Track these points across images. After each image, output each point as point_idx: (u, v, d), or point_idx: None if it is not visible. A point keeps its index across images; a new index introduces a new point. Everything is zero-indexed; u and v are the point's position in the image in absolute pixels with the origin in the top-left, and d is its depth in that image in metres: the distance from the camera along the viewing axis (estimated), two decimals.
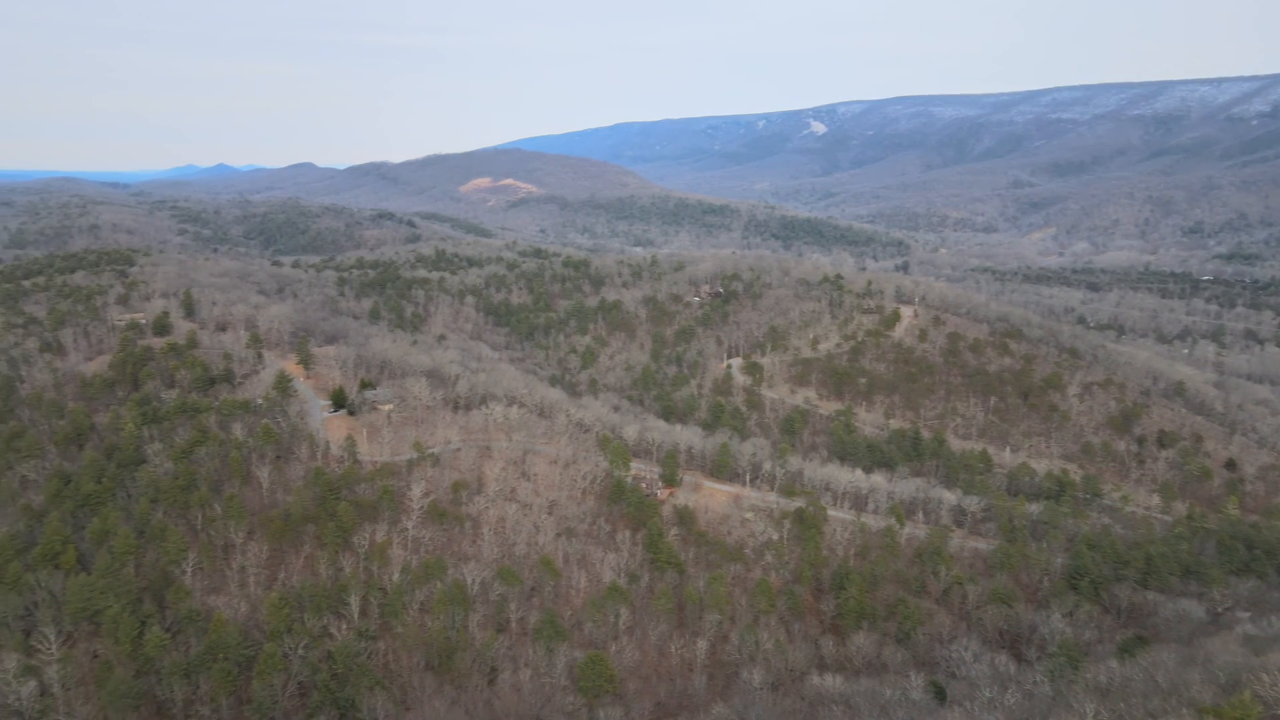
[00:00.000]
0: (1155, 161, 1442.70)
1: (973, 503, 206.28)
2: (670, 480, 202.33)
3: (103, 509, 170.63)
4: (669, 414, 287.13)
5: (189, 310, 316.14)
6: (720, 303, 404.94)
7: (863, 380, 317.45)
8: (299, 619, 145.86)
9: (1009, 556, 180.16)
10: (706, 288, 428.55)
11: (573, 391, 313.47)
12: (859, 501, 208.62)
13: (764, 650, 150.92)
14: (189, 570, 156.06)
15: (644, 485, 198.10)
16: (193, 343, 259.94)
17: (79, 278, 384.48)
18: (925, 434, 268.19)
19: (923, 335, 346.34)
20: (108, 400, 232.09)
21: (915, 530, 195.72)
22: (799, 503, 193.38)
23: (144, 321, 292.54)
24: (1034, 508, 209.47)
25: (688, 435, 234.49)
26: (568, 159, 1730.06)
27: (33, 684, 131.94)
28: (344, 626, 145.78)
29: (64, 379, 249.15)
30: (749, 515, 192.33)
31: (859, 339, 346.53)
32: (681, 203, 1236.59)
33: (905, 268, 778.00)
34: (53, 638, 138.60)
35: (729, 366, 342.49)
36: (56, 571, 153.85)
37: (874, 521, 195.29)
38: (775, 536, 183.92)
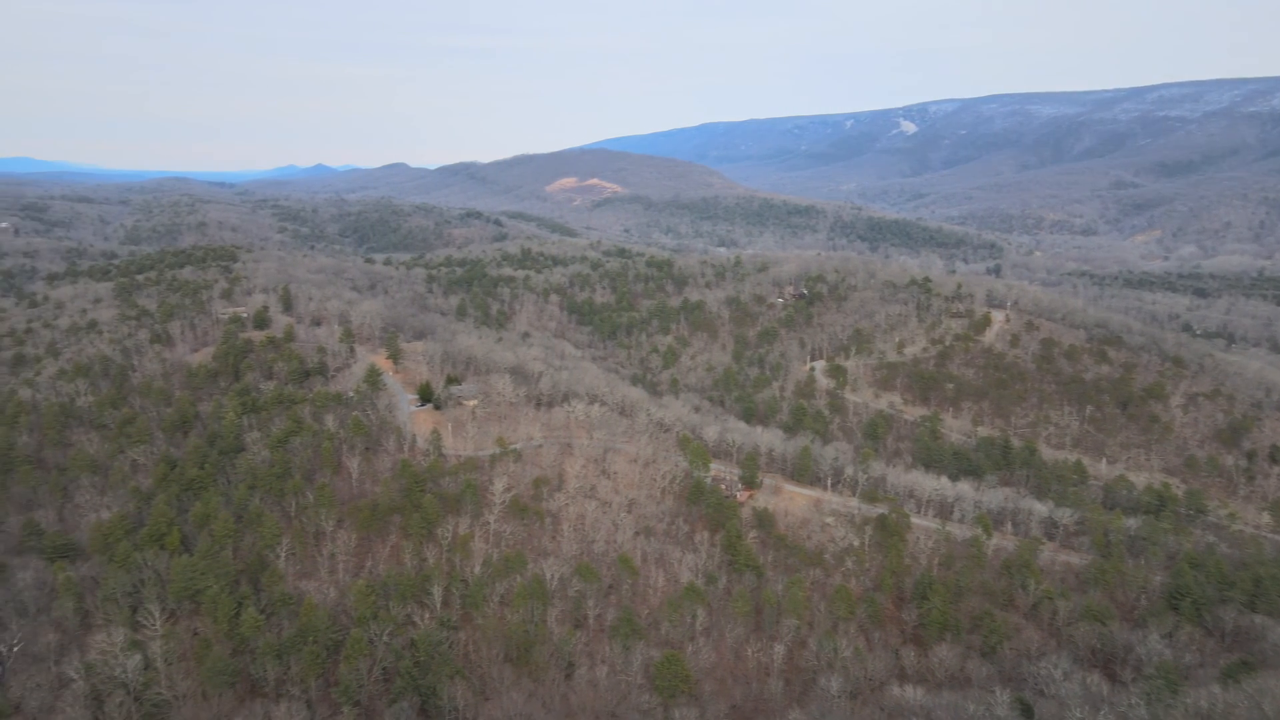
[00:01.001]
0: (1272, 161, 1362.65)
1: (1065, 515, 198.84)
2: (750, 482, 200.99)
3: (205, 494, 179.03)
4: (750, 416, 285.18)
5: (287, 305, 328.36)
6: (804, 304, 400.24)
7: (950, 386, 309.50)
8: (384, 606, 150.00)
9: (1104, 572, 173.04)
10: (790, 289, 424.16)
11: (654, 391, 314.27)
12: (944, 510, 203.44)
13: (843, 658, 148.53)
14: (282, 555, 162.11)
15: (723, 486, 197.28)
16: (290, 336, 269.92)
17: (187, 273, 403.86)
18: (1015, 442, 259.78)
19: (1014, 340, 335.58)
20: (211, 390, 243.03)
21: (1003, 542, 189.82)
22: (881, 509, 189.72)
23: (245, 315, 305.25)
24: (1132, 523, 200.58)
25: (768, 437, 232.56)
26: (652, 159, 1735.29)
27: (138, 657, 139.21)
28: (427, 616, 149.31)
29: (172, 369, 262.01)
30: (829, 520, 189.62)
31: (947, 343, 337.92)
32: (766, 203, 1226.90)
33: (997, 271, 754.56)
34: (157, 614, 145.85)
35: (812, 369, 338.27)
36: (162, 552, 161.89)
37: (959, 531, 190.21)
38: (856, 543, 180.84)
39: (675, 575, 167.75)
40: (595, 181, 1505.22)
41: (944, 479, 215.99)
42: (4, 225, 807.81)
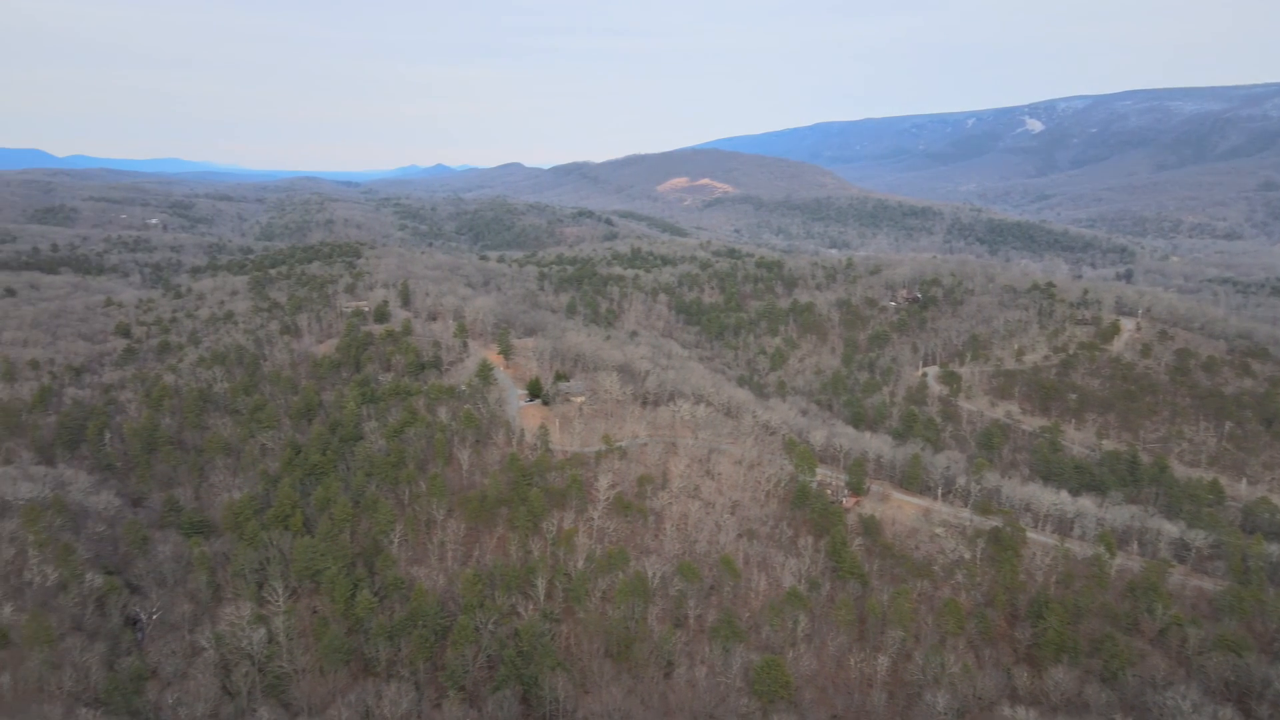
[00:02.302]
0: None
1: (1198, 537, 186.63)
2: (857, 488, 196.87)
3: (325, 479, 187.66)
4: (858, 421, 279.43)
5: (405, 300, 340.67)
6: (918, 308, 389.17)
7: (1073, 396, 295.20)
8: (490, 596, 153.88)
9: (1240, 600, 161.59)
10: (904, 292, 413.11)
11: (760, 393, 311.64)
12: (1063, 526, 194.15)
13: (950, 674, 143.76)
14: (396, 541, 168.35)
15: (829, 492, 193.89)
16: (407, 330, 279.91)
17: (315, 268, 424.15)
18: (1144, 458, 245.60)
19: (1146, 350, 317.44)
20: (334, 380, 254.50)
21: (1128, 562, 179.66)
22: (995, 522, 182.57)
23: (367, 309, 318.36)
24: (1274, 548, 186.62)
25: (877, 444, 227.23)
26: (764, 159, 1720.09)
27: (262, 631, 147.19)
28: (530, 607, 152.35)
29: (298, 359, 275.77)
30: (939, 531, 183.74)
31: (1070, 351, 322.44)
32: (881, 204, 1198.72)
33: (1128, 276, 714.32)
34: (281, 592, 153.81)
35: (924, 375, 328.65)
36: (286, 532, 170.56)
37: (1080, 549, 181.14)
38: (967, 555, 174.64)
39: (777, 579, 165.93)
40: (706, 181, 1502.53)
41: (1064, 493, 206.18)
42: (154, 221, 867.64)
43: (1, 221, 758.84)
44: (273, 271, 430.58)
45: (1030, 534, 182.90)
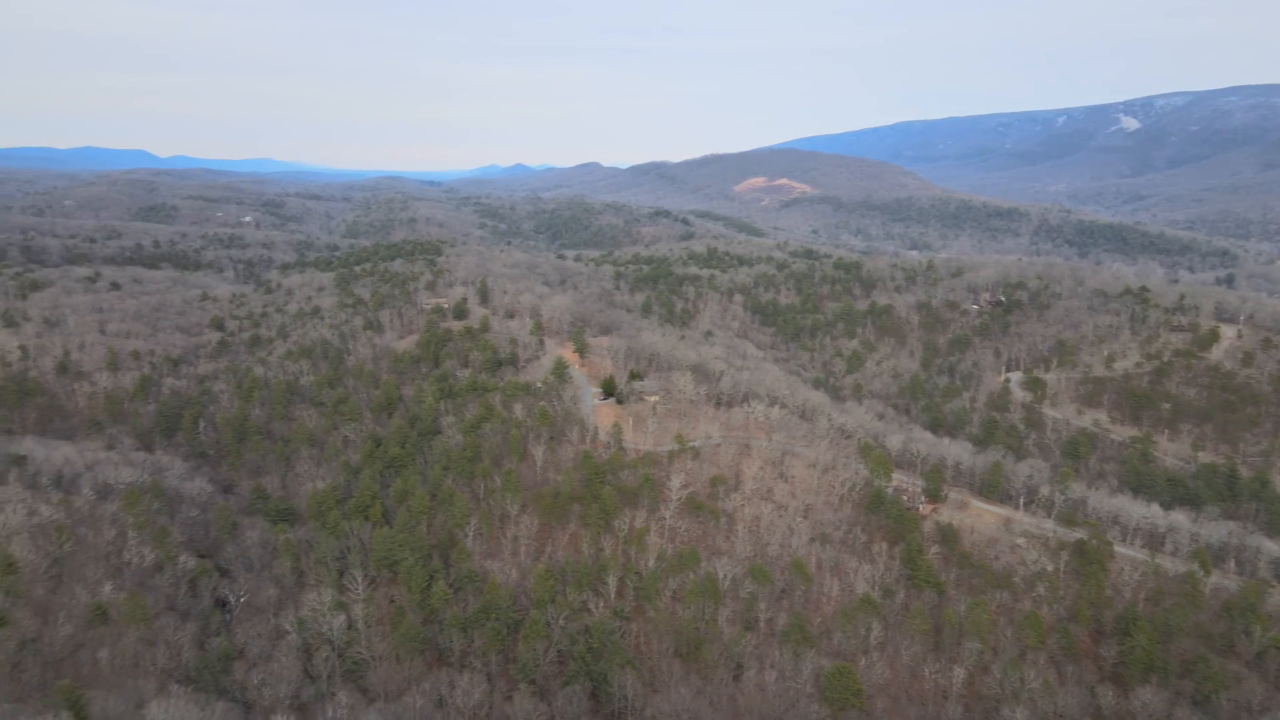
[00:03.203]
0: None
1: None
2: (934, 495, 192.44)
3: (404, 471, 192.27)
4: (937, 426, 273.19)
5: (484, 297, 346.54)
6: (1001, 312, 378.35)
7: (1166, 406, 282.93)
8: (562, 592, 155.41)
9: None
10: (987, 295, 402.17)
11: (836, 396, 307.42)
12: (1153, 540, 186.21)
13: (1029, 689, 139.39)
14: (470, 534, 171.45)
15: (905, 498, 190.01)
16: (485, 327, 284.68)
17: (397, 265, 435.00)
18: (1244, 472, 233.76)
19: (1248, 359, 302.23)
20: (413, 375, 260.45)
21: (1223, 580, 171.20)
22: (1080, 534, 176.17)
23: (446, 306, 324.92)
24: None
25: (956, 450, 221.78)
26: (844, 159, 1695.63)
27: (342, 618, 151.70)
28: (601, 604, 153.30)
29: (380, 354, 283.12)
30: (1020, 541, 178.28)
31: (1165, 359, 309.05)
32: (964, 204, 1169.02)
33: (1229, 281, 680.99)
34: (360, 580, 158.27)
35: (1007, 380, 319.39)
36: (366, 522, 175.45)
37: (1171, 565, 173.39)
38: (1050, 568, 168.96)
39: (850, 585, 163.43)
40: (784, 181, 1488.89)
41: (1155, 507, 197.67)
42: (248, 220, 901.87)
43: (109, 219, 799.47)
44: (357, 268, 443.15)
45: (1118, 548, 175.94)
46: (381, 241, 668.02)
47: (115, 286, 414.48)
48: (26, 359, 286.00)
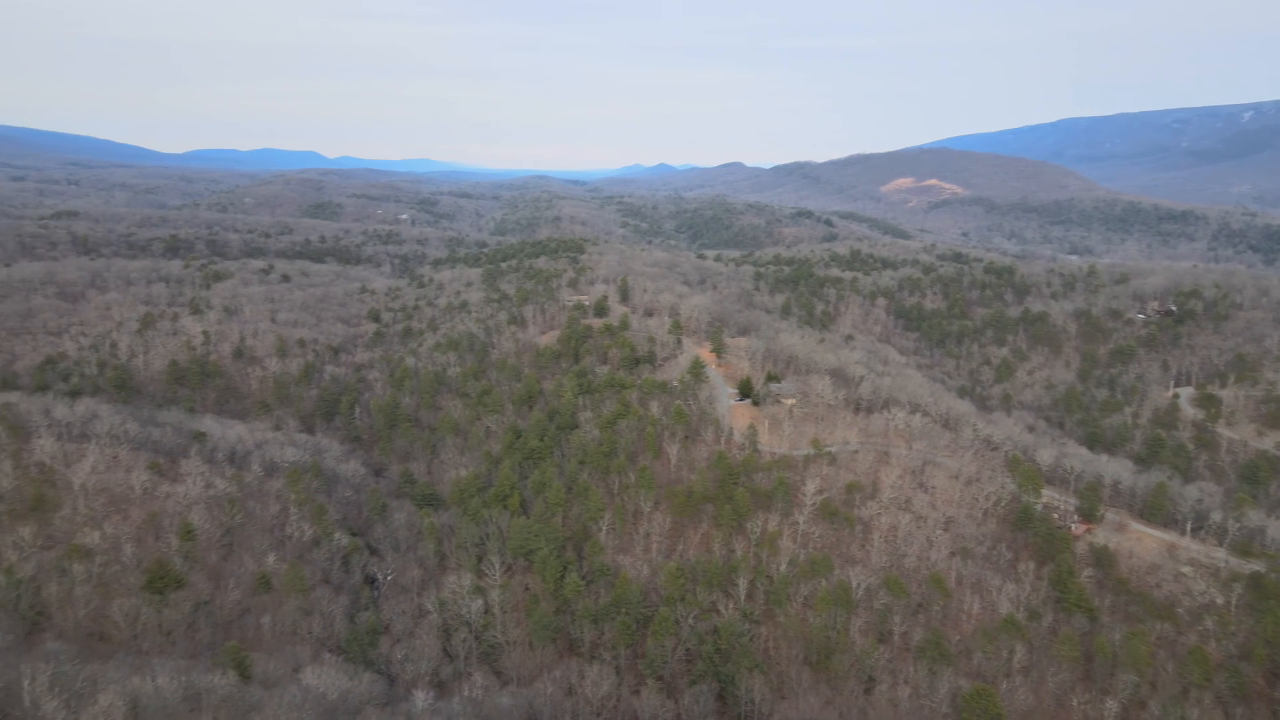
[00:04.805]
0: None
1: None
2: (1089, 515, 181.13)
3: (542, 464, 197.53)
4: (1093, 442, 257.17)
5: (624, 295, 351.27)
6: (1172, 322, 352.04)
7: None
8: (691, 590, 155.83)
9: None
10: (1155, 304, 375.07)
11: (982, 405, 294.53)
12: None
13: None
14: (604, 528, 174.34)
15: (1056, 516, 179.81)
16: (624, 325, 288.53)
17: (541, 262, 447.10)
18: None
19: None
20: (554, 370, 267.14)
21: None
22: (1257, 565, 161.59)
23: (587, 303, 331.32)
24: None
25: (1115, 468, 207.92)
26: (998, 158, 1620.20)
27: (480, 602, 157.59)
28: (731, 605, 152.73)
29: (523, 348, 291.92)
30: (1186, 570, 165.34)
31: None
32: (1132, 206, 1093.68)
33: None
34: (497, 566, 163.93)
35: (1176, 396, 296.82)
36: (504, 511, 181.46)
37: None
38: (1220, 600, 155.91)
39: (993, 604, 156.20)
40: (934, 182, 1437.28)
41: None
42: (404, 217, 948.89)
43: (282, 215, 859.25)
44: (503, 265, 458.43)
45: None
46: (527, 239, 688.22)
47: (285, 279, 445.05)
48: (208, 344, 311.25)
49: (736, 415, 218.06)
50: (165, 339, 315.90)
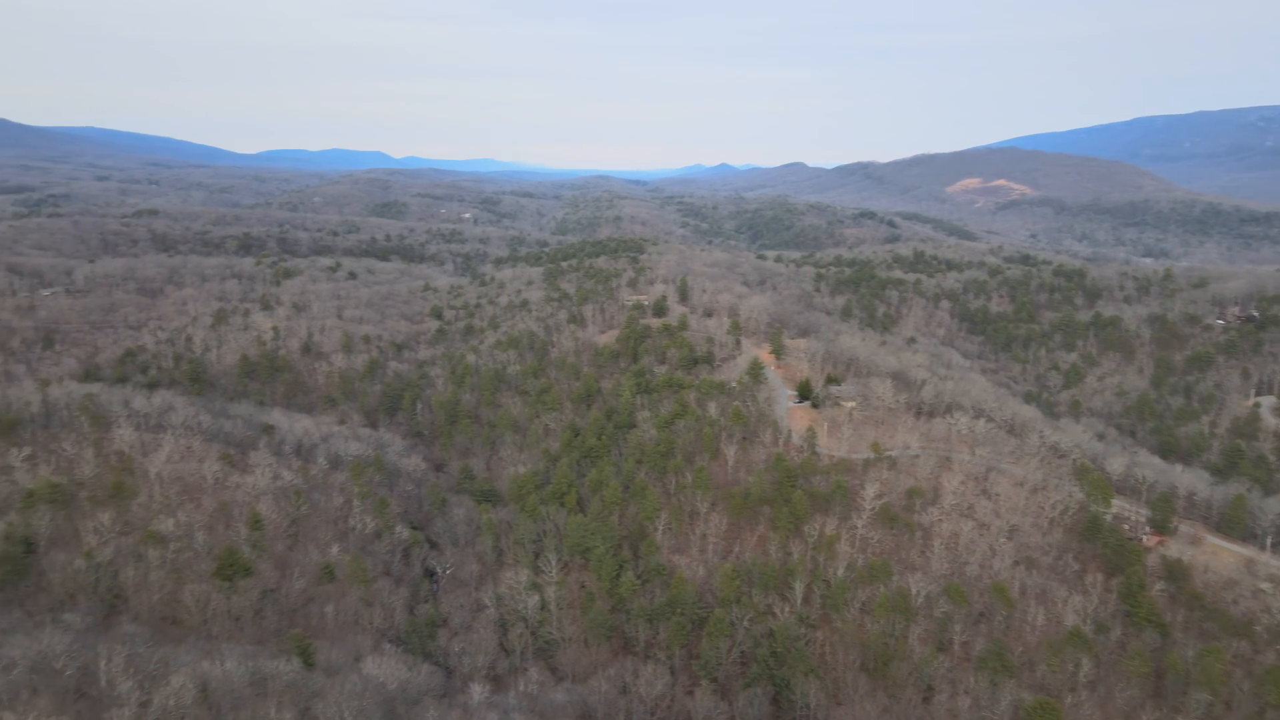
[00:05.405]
0: None
1: None
2: (1161, 527, 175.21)
3: (599, 462, 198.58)
4: (1167, 451, 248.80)
5: (683, 295, 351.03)
6: (1253, 328, 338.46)
7: None
8: (747, 593, 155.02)
9: None
10: (1236, 309, 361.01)
11: (1050, 412, 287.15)
12: None
13: None
14: (660, 528, 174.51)
15: (1126, 527, 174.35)
16: (683, 325, 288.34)
17: (601, 262, 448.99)
18: None
19: None
20: (612, 369, 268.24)
21: None
22: None
23: (646, 303, 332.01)
24: None
25: (1190, 479, 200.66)
26: (1070, 158, 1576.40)
27: (536, 598, 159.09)
28: (787, 609, 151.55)
29: (582, 347, 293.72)
30: (1266, 586, 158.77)
31: None
32: (1212, 208, 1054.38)
33: None
34: (554, 563, 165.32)
35: (1257, 405, 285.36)
36: (561, 509, 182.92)
37: None
38: None
39: (1058, 616, 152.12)
40: (1002, 183, 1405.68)
41: None
42: (467, 216, 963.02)
43: (349, 214, 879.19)
44: (564, 264, 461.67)
45: None
46: (588, 238, 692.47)
47: (352, 276, 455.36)
48: (278, 339, 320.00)
49: (795, 417, 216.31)
50: (237, 334, 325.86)
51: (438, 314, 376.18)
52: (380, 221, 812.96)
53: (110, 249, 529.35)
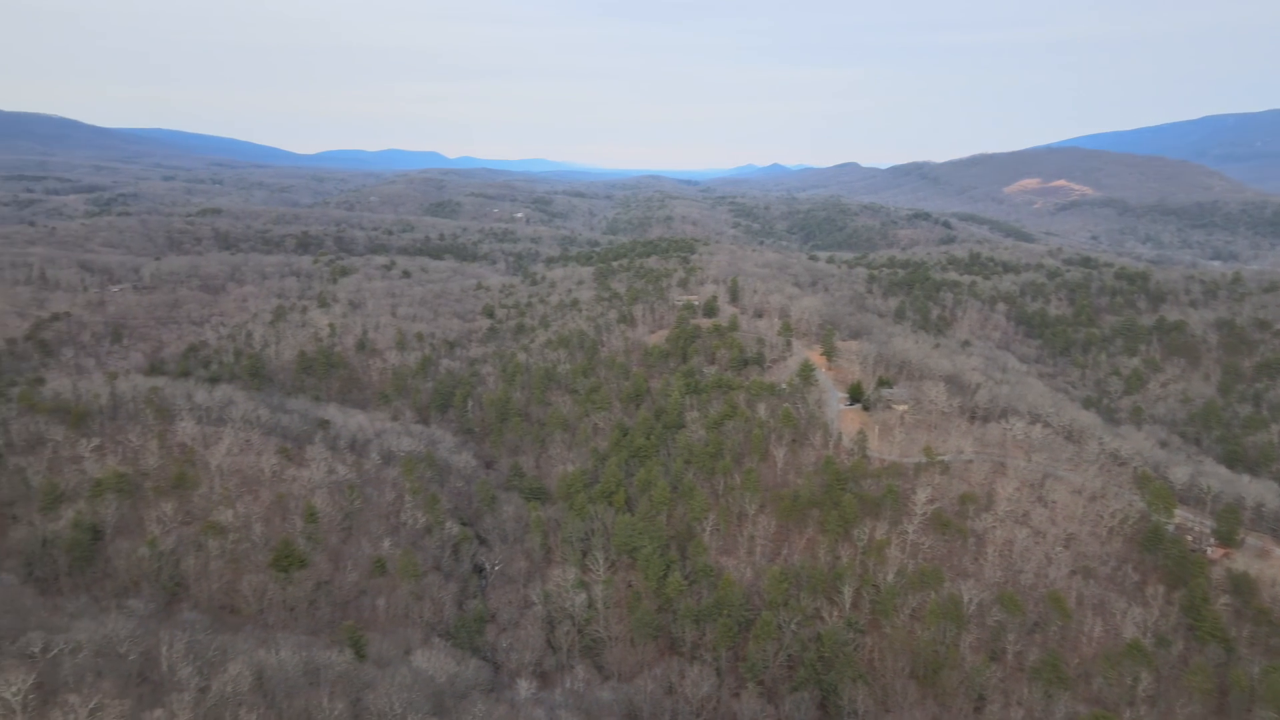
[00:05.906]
0: None
1: None
2: (1227, 539, 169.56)
3: (648, 462, 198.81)
4: (1234, 460, 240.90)
5: (734, 296, 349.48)
6: None
7: None
8: (795, 596, 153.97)
9: None
10: None
11: (1110, 418, 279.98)
12: None
13: None
14: (708, 529, 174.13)
15: (1190, 538, 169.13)
16: (733, 326, 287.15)
17: (652, 262, 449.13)
18: None
19: None
20: (662, 369, 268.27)
21: None
22: None
23: (696, 303, 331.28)
24: None
25: (1258, 489, 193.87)
26: (1133, 158, 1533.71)
27: (583, 596, 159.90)
28: (835, 613, 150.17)
29: (632, 347, 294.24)
30: None
31: None
32: None
33: None
34: (601, 562, 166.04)
35: None
36: (609, 508, 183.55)
37: None
38: None
39: (1116, 628, 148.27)
40: (1062, 183, 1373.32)
41: None
42: (519, 215, 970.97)
43: (404, 213, 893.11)
44: (615, 264, 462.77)
45: None
46: (638, 238, 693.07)
47: (406, 274, 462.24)
48: (334, 335, 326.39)
49: (846, 420, 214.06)
50: (295, 330, 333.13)
51: (489, 312, 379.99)
52: (434, 221, 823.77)
53: (175, 246, 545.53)
